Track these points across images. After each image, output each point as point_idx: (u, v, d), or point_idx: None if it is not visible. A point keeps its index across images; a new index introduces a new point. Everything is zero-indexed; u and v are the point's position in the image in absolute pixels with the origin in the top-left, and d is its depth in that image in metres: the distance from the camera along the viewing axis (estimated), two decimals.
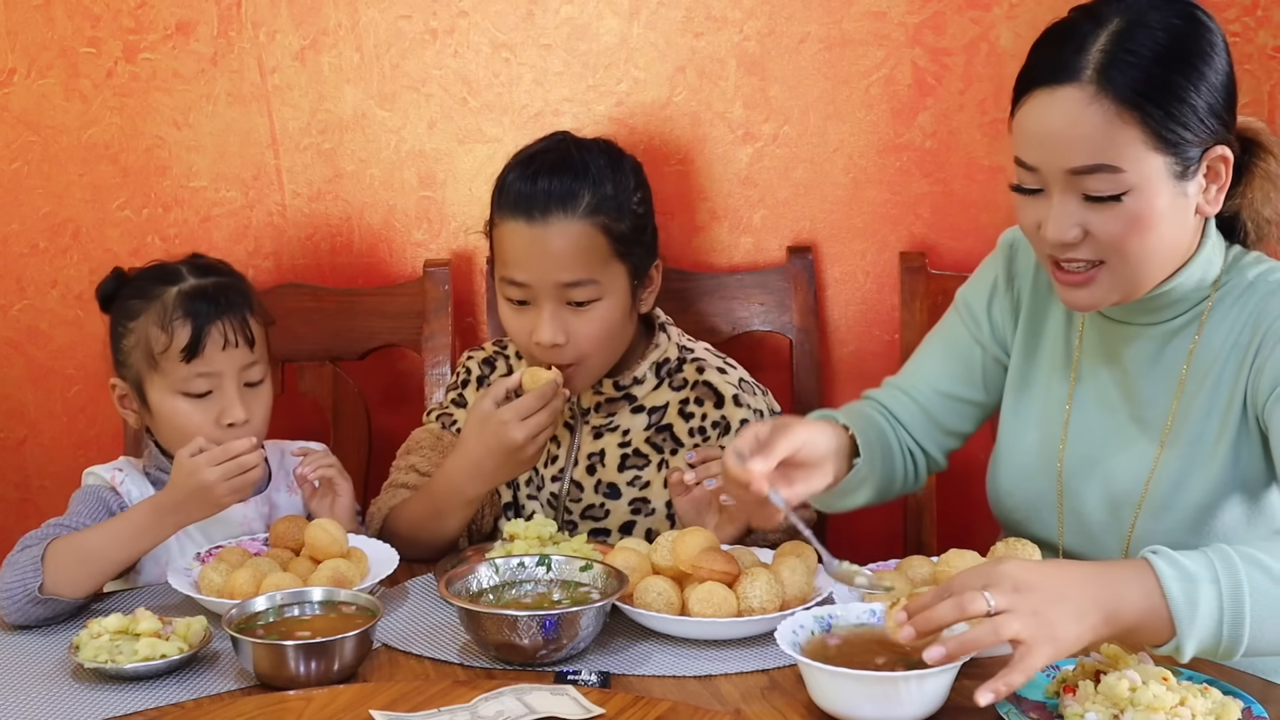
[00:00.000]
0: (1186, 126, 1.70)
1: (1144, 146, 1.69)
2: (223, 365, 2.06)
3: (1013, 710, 1.55)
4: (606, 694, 1.63)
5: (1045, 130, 1.72)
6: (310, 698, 1.63)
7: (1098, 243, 1.74)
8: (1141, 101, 1.68)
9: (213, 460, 1.93)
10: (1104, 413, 1.92)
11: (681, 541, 1.84)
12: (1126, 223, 1.72)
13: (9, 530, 2.55)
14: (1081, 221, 1.73)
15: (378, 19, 2.59)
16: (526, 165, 2.14)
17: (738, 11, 2.55)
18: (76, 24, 2.59)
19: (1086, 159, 1.70)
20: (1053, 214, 1.74)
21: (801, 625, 1.67)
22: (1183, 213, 1.75)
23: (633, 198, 2.16)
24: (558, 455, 2.25)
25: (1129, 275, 1.77)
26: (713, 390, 2.22)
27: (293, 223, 2.66)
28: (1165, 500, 1.85)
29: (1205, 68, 1.71)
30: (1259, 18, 2.48)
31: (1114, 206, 1.71)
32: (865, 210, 2.60)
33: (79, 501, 2.07)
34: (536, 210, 2.09)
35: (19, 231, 2.67)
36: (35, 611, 1.90)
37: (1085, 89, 1.69)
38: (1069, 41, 1.72)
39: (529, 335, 2.12)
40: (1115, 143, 1.69)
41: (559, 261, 2.09)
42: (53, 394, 2.72)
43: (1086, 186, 1.71)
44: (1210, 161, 1.74)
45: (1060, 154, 1.72)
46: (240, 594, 1.84)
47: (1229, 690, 1.57)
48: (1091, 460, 1.92)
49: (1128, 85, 1.68)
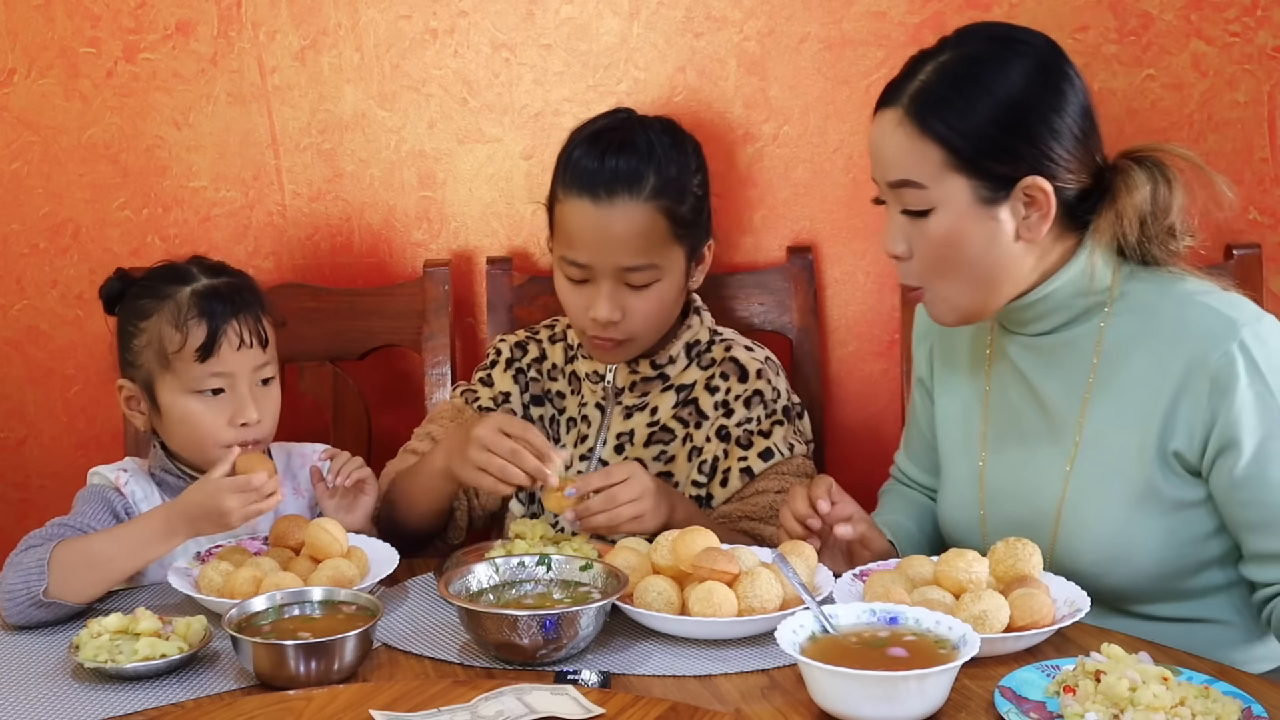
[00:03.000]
0: (992, 158, 1.80)
1: (944, 168, 1.82)
2: (236, 365, 2.05)
3: (1013, 710, 1.55)
4: (606, 694, 1.62)
5: (873, 146, 1.89)
6: (310, 697, 1.62)
7: (920, 257, 1.88)
8: (941, 128, 1.81)
9: (235, 488, 1.92)
10: (1016, 429, 1.99)
11: (681, 541, 1.84)
12: (936, 239, 1.85)
13: (9, 530, 2.55)
14: (906, 235, 1.88)
15: (378, 19, 2.59)
16: (594, 142, 2.17)
17: (738, 11, 2.55)
18: (76, 24, 2.59)
19: (896, 173, 1.86)
20: (886, 228, 1.91)
21: (802, 625, 1.66)
22: (994, 235, 1.84)
23: (694, 180, 2.21)
24: (587, 435, 2.27)
25: (950, 293, 1.89)
26: (738, 365, 2.26)
27: (293, 223, 2.66)
28: (1077, 526, 1.89)
29: (1026, 110, 1.81)
30: (1259, 18, 2.48)
31: (925, 222, 1.85)
32: (865, 210, 2.59)
33: (84, 501, 2.06)
34: (603, 190, 2.12)
35: (19, 231, 2.67)
36: (37, 614, 1.89)
37: (897, 112, 1.84)
38: (908, 69, 1.88)
39: (585, 311, 2.17)
40: (917, 161, 1.83)
41: (621, 245, 2.12)
42: (53, 394, 2.72)
43: (904, 200, 1.86)
44: (1027, 190, 1.82)
45: (881, 168, 1.88)
46: (240, 594, 1.84)
47: (1229, 690, 1.57)
48: (1005, 483, 1.99)
49: (931, 112, 1.82)
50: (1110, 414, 1.88)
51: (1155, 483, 1.85)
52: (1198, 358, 1.81)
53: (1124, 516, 1.86)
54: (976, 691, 1.62)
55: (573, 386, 2.30)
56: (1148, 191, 1.85)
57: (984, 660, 1.66)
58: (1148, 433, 1.85)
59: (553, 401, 2.31)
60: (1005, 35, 1.88)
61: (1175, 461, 1.85)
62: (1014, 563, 1.80)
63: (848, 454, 2.63)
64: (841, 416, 2.65)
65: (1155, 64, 2.51)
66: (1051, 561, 1.88)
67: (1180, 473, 1.85)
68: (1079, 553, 1.89)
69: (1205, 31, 2.49)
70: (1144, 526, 1.86)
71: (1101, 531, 1.88)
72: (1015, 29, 1.91)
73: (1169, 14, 2.49)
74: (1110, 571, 1.88)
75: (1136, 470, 1.86)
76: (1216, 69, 2.49)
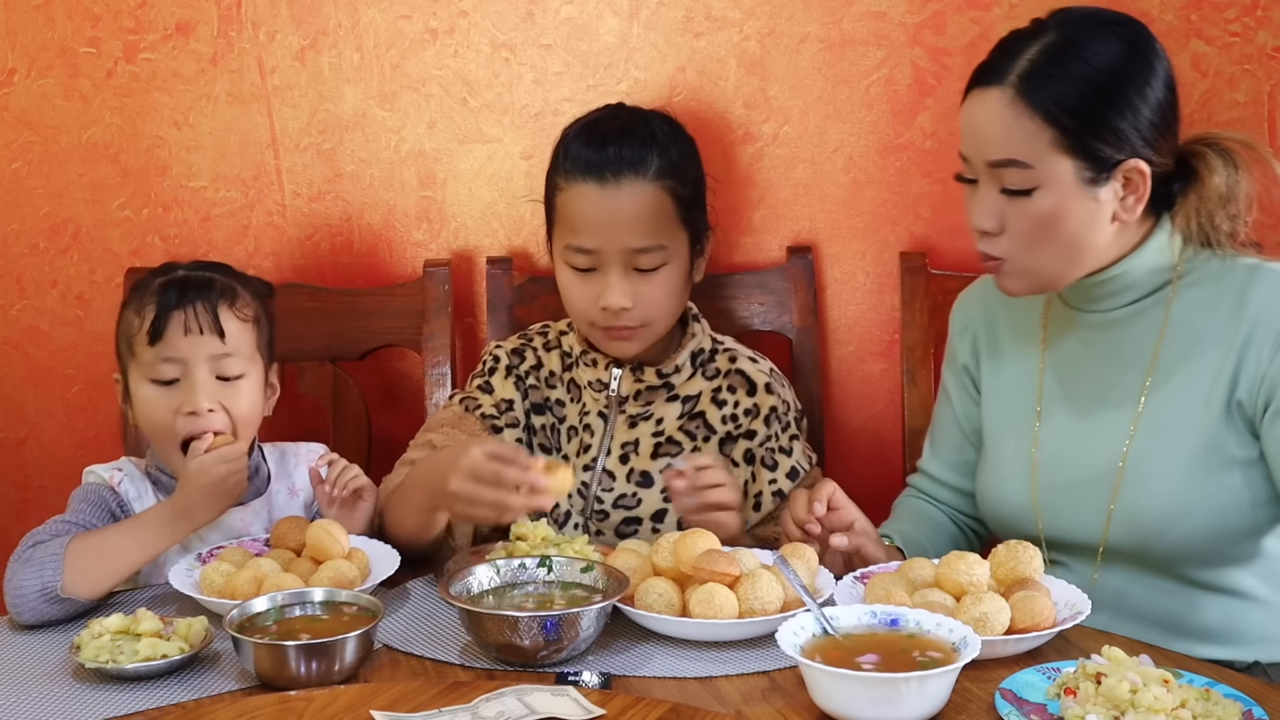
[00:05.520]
0: (1098, 138, 1.84)
1: (1053, 149, 1.85)
2: (187, 352, 2.05)
3: (1014, 712, 1.55)
4: (607, 695, 1.63)
5: (972, 125, 1.91)
6: (311, 698, 1.63)
7: (1012, 233, 1.90)
8: (1054, 110, 1.84)
9: (218, 459, 1.96)
10: (1076, 399, 2.01)
11: (682, 543, 1.84)
12: (1036, 217, 1.88)
13: (9, 530, 2.55)
14: (999, 211, 1.90)
15: (378, 19, 2.59)
16: (591, 131, 2.18)
17: (738, 11, 2.55)
18: (76, 24, 2.59)
19: (1001, 153, 1.87)
20: (977, 203, 1.92)
21: (802, 626, 1.67)
22: (1094, 216, 1.88)
23: (693, 165, 2.22)
24: (590, 444, 2.25)
25: (1036, 267, 1.92)
26: (745, 379, 2.26)
27: (293, 223, 2.66)
28: (1141, 480, 1.92)
29: (1128, 89, 1.85)
30: (1259, 18, 2.48)
31: (1026, 201, 1.87)
32: (865, 210, 2.60)
33: (79, 500, 2.06)
34: (608, 173, 2.12)
35: (19, 231, 2.67)
36: (49, 611, 1.89)
37: (1006, 92, 1.86)
38: (1008, 49, 1.90)
39: (594, 301, 2.15)
40: (1026, 142, 1.85)
41: (630, 226, 2.12)
42: (53, 394, 2.72)
43: (1004, 180, 1.88)
44: (1126, 173, 1.87)
45: (982, 147, 1.90)
46: (241, 594, 1.84)
47: (1229, 693, 1.57)
48: (1062, 449, 2.00)
49: (1043, 94, 1.84)
50: (1176, 376, 1.92)
51: (1219, 437, 1.89)
52: (1264, 315, 1.88)
53: (1187, 470, 1.90)
54: (977, 693, 1.62)
55: (572, 395, 2.28)
56: (1224, 176, 1.90)
57: (985, 662, 1.66)
58: (1214, 388, 1.89)
59: (552, 410, 2.28)
60: (1105, 17, 1.91)
61: (1238, 414, 1.89)
62: (1015, 565, 1.80)
63: (847, 454, 2.64)
64: (841, 417, 2.65)
65: None
66: (1110, 521, 1.93)
67: (1241, 428, 1.89)
68: (1140, 508, 1.92)
69: (1205, 31, 2.49)
70: (1205, 482, 1.89)
71: (1164, 487, 1.91)
72: (1110, 11, 1.94)
73: (1169, 14, 2.49)
74: (1170, 528, 1.91)
75: (1201, 424, 1.90)
76: (1216, 69, 2.49)
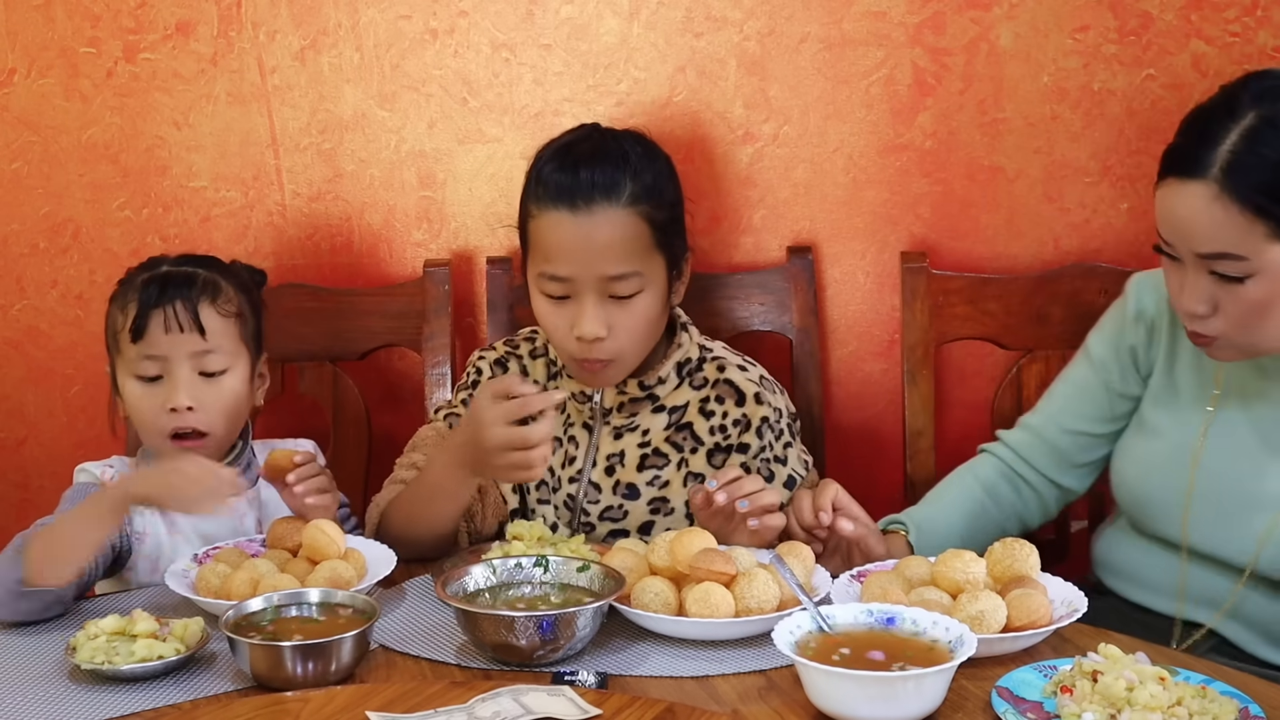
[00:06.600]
0: None
1: (1267, 239, 1.80)
2: (169, 349, 2.06)
3: (1010, 710, 1.55)
4: (604, 694, 1.63)
5: (1176, 217, 1.85)
6: (307, 699, 1.63)
7: (1225, 315, 1.86)
8: (1264, 202, 1.78)
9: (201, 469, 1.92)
10: (1251, 419, 1.99)
11: (679, 542, 1.84)
12: (1252, 303, 1.84)
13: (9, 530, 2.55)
14: (1210, 297, 1.86)
15: (378, 19, 2.59)
16: (564, 155, 2.10)
17: (738, 11, 2.55)
18: (76, 24, 2.59)
19: (1211, 247, 1.83)
20: (1186, 288, 1.88)
21: (799, 625, 1.66)
22: None
23: (669, 187, 2.14)
24: (575, 457, 2.22)
25: (1249, 343, 1.90)
26: (734, 388, 2.20)
27: (293, 223, 2.66)
28: None
29: None
30: (1259, 18, 2.48)
31: (1239, 287, 1.84)
32: (865, 210, 2.59)
33: (68, 500, 2.07)
34: (580, 199, 2.05)
35: (19, 231, 2.67)
36: (23, 606, 1.89)
37: (1210, 186, 1.80)
38: (1204, 134, 1.83)
39: (568, 330, 2.08)
40: (1239, 235, 1.80)
41: (604, 253, 2.05)
42: (53, 394, 2.72)
43: (1216, 266, 1.83)
44: None
45: (1189, 240, 1.84)
46: (237, 595, 1.84)
47: (1226, 690, 1.56)
48: (1224, 468, 1.99)
49: (1251, 186, 1.78)
50: None
51: None
52: None
53: None
54: (974, 692, 1.62)
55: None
56: None
57: (981, 660, 1.66)
58: None
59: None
60: None
61: None
62: (1011, 563, 1.80)
63: (847, 454, 2.63)
64: (841, 417, 2.65)
65: (1155, 64, 2.51)
66: (1263, 548, 1.93)
67: None
68: None
69: (1205, 31, 2.49)
70: None
71: None
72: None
73: (1169, 14, 2.49)
74: None
75: None
76: (1216, 69, 2.48)
